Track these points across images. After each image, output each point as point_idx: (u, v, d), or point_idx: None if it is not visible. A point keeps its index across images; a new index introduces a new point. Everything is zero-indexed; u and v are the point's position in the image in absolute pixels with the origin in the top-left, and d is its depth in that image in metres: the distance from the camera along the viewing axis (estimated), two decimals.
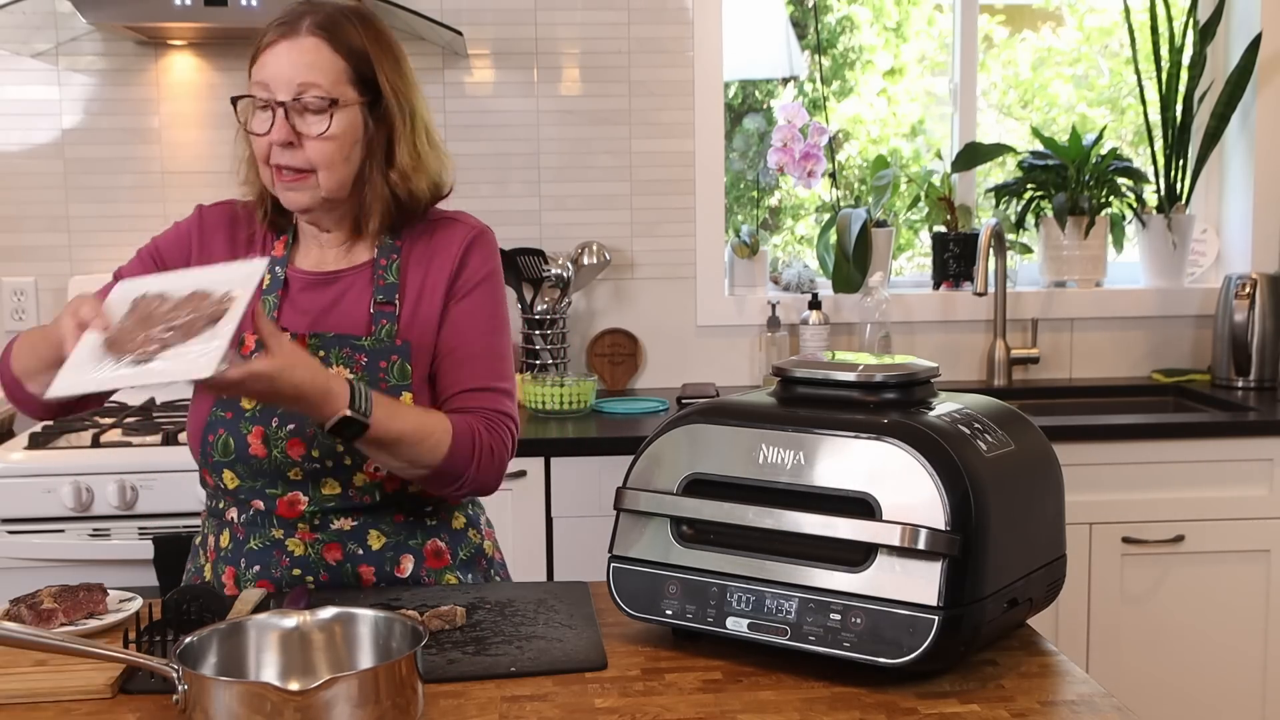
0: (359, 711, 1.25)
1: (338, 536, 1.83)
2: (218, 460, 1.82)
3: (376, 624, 1.43)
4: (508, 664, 1.53)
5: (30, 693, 1.47)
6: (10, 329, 3.45)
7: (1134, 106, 3.85)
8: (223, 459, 1.81)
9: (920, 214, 3.86)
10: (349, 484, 1.81)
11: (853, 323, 3.65)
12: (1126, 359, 3.75)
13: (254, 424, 1.80)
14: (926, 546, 1.41)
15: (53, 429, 2.95)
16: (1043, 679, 1.50)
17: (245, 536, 1.85)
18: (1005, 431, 1.57)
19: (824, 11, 3.99)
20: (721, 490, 1.55)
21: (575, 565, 2.92)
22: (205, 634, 1.38)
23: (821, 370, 1.63)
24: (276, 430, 1.79)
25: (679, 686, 1.48)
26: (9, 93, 3.42)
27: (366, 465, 1.80)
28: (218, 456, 1.82)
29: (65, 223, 3.46)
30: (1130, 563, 3.09)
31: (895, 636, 1.42)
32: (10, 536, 2.75)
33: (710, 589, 1.54)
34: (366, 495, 1.83)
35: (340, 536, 1.83)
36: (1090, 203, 3.63)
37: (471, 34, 3.44)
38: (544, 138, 3.55)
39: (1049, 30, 4.22)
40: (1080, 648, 3.08)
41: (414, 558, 1.87)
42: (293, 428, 1.78)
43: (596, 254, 3.51)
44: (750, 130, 3.80)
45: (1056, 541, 1.64)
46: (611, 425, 3.14)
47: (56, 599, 1.67)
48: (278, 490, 1.81)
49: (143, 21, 3.10)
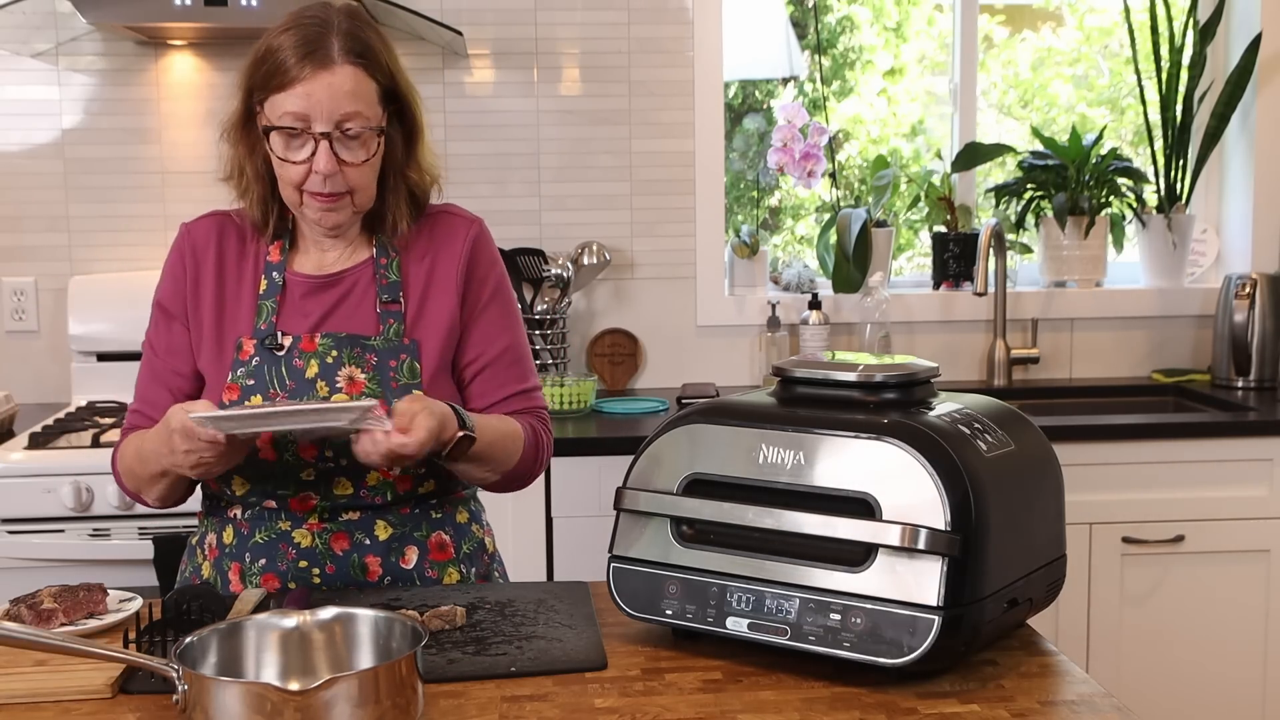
0: (359, 711, 1.25)
1: (346, 526, 1.84)
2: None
3: (376, 624, 1.43)
4: (508, 664, 1.53)
5: (30, 693, 1.47)
6: (10, 329, 3.45)
7: (1134, 106, 3.86)
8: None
9: (920, 214, 3.86)
10: (361, 483, 1.82)
11: (853, 323, 3.65)
12: (1127, 359, 3.75)
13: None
14: (927, 546, 1.41)
15: (53, 428, 2.95)
16: (1043, 679, 1.50)
17: (250, 531, 1.85)
18: (1005, 431, 1.57)
19: (824, 11, 3.99)
20: (722, 490, 1.56)
21: (575, 565, 2.92)
22: (205, 634, 1.38)
23: (822, 370, 1.63)
24: (287, 433, 1.79)
25: (679, 686, 1.48)
26: (9, 93, 3.42)
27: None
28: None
29: (65, 223, 3.46)
30: (1130, 563, 3.09)
31: (895, 636, 1.42)
32: (10, 536, 2.75)
33: (710, 589, 1.54)
34: (378, 495, 1.83)
35: (349, 526, 1.84)
36: (1090, 203, 3.63)
37: (471, 34, 3.43)
38: (544, 138, 3.55)
39: (1049, 30, 4.22)
40: (1080, 648, 3.08)
41: (419, 550, 1.88)
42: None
43: (596, 254, 3.51)
44: (750, 130, 3.80)
45: (1057, 541, 1.64)
46: (611, 425, 3.14)
47: (56, 599, 1.67)
48: (289, 491, 1.82)
49: (143, 21, 3.09)
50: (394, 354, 1.84)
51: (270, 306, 1.86)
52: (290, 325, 1.86)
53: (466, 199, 3.44)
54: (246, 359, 1.84)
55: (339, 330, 1.85)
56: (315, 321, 1.86)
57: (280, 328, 1.86)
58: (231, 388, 1.83)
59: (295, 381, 1.82)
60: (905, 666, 1.43)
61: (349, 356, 1.82)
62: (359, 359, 1.83)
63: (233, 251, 1.91)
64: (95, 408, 3.21)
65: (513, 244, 3.41)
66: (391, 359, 1.84)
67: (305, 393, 1.81)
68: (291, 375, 1.82)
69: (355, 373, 1.82)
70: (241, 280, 1.90)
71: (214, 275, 1.89)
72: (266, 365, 1.83)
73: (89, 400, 3.30)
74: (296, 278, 1.89)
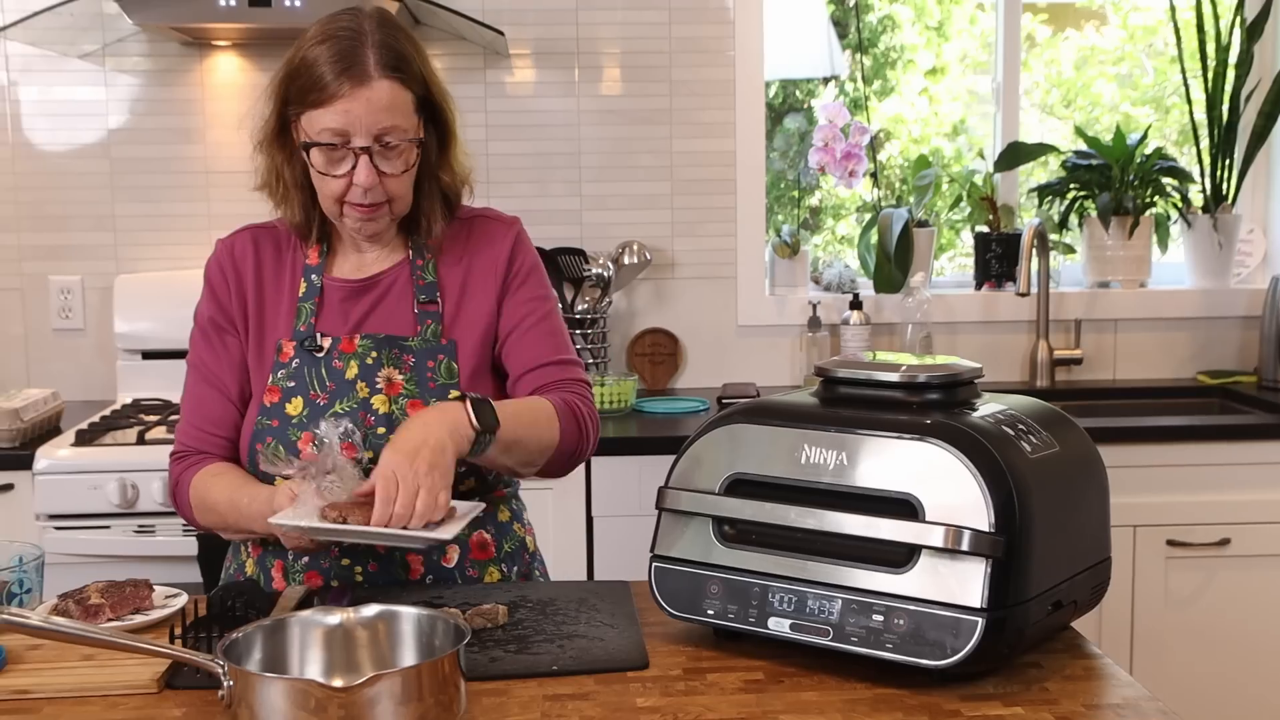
0: (402, 709, 1.26)
1: None
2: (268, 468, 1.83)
3: (420, 622, 1.44)
4: (549, 662, 1.53)
5: (78, 687, 1.48)
6: (57, 327, 3.49)
7: (1179, 105, 3.82)
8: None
9: (962, 214, 3.84)
10: None
11: (894, 323, 3.64)
12: (1171, 360, 3.71)
13: (302, 429, 1.82)
14: (970, 548, 1.41)
15: (99, 425, 2.98)
16: (1088, 682, 1.49)
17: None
18: (1050, 433, 1.56)
19: (865, 10, 3.98)
20: (763, 490, 1.55)
21: (615, 565, 2.92)
22: (250, 630, 1.39)
23: (864, 370, 1.62)
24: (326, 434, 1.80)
25: (721, 686, 1.48)
26: (57, 93, 3.45)
27: None
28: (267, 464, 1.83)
29: (111, 222, 3.49)
30: (1175, 565, 3.07)
31: (938, 638, 1.42)
32: (57, 532, 2.78)
33: (752, 589, 1.54)
34: None
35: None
36: (1135, 202, 3.60)
37: (513, 34, 3.44)
38: (585, 137, 3.55)
39: (1092, 29, 4.19)
40: (1124, 651, 3.06)
41: (460, 548, 1.89)
42: (342, 430, 1.79)
43: (637, 254, 3.51)
44: (791, 130, 3.79)
45: (1101, 544, 1.63)
46: (652, 425, 3.14)
47: (104, 594, 1.68)
48: None
49: (188, 22, 3.12)
50: (431, 354, 1.85)
51: (309, 309, 1.87)
52: (329, 327, 1.87)
53: (507, 199, 3.47)
54: (286, 361, 1.85)
55: (377, 331, 1.86)
56: (354, 323, 1.87)
57: (319, 329, 1.87)
58: (272, 390, 1.84)
59: (335, 382, 1.83)
60: (948, 668, 1.42)
61: (387, 357, 1.83)
62: (397, 360, 1.84)
63: (269, 259, 1.93)
64: (140, 405, 3.25)
65: (553, 244, 3.42)
66: (429, 359, 1.85)
67: (345, 394, 1.82)
68: (331, 376, 1.83)
69: (393, 373, 1.83)
70: (280, 286, 1.91)
71: (254, 283, 1.91)
72: (306, 366, 1.84)
73: (134, 398, 3.33)
74: (335, 282, 1.90)
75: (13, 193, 3.46)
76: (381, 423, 1.81)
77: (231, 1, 2.98)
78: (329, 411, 1.81)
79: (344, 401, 1.82)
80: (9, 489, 2.84)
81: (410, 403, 1.82)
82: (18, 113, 3.45)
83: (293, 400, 1.83)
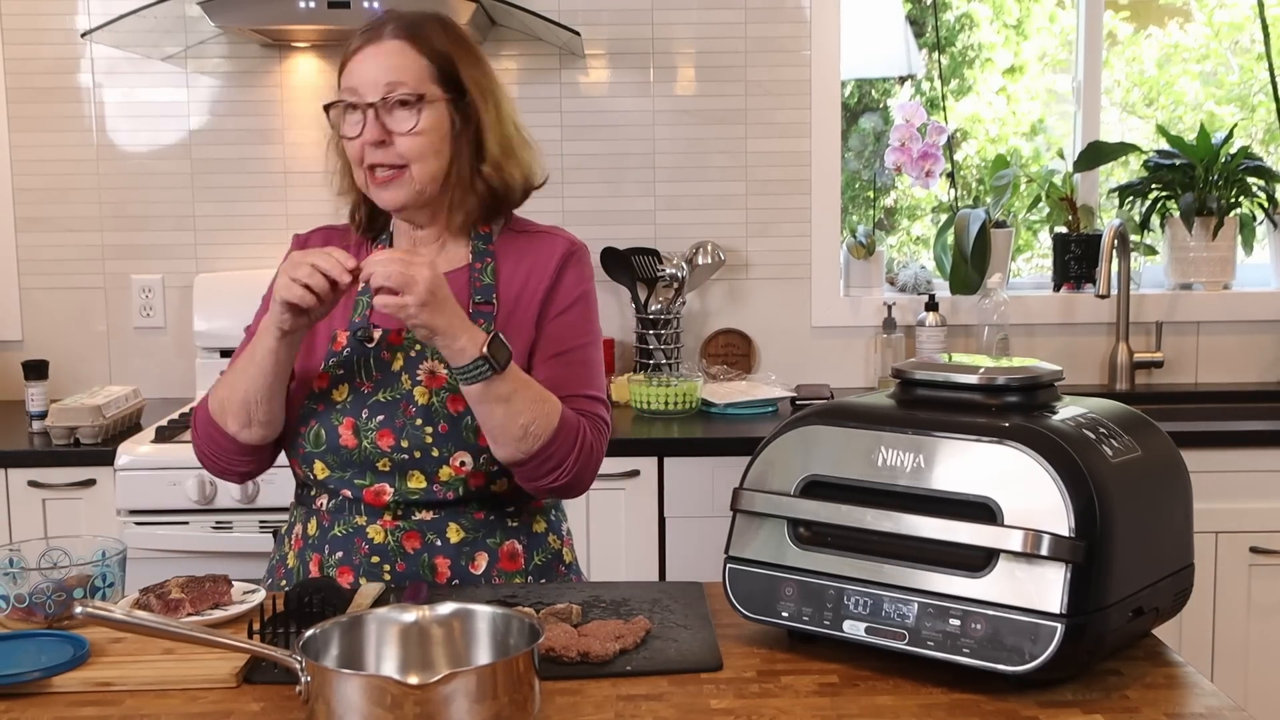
0: (477, 707, 1.26)
1: (418, 526, 1.86)
2: (309, 451, 1.87)
3: (494, 620, 1.44)
4: (623, 663, 1.53)
5: (159, 680, 1.50)
6: (138, 325, 3.55)
7: (1265, 104, 3.75)
8: (314, 449, 1.86)
9: (1040, 214, 3.79)
10: (434, 478, 1.84)
11: (970, 325, 3.60)
12: (1255, 363, 3.65)
13: (345, 415, 1.85)
14: (1050, 553, 1.38)
15: (178, 422, 3.02)
16: (1169, 690, 1.46)
17: (330, 523, 1.89)
18: (1131, 437, 1.54)
19: (943, 9, 3.94)
20: (839, 492, 1.54)
21: (687, 565, 2.92)
22: (327, 627, 1.40)
23: (942, 372, 1.60)
24: (366, 421, 1.83)
25: (795, 689, 1.47)
26: (140, 95, 3.51)
27: (452, 459, 1.83)
28: (309, 447, 1.86)
29: (191, 221, 3.54)
30: (1258, 573, 3.01)
31: (1016, 644, 1.40)
32: (138, 528, 2.83)
33: (827, 592, 1.52)
34: (450, 490, 1.85)
35: (420, 526, 1.86)
36: (1219, 203, 3.54)
37: (588, 34, 3.45)
38: (659, 137, 3.55)
39: (1175, 26, 4.12)
40: (1205, 659, 3.01)
41: (488, 556, 1.89)
42: (382, 419, 1.82)
43: (711, 254, 3.50)
44: (866, 129, 3.76)
45: (1184, 550, 1.60)
46: (724, 426, 3.13)
47: (184, 589, 1.70)
48: (365, 481, 1.85)
49: (268, 24, 3.16)
50: None
51: (365, 301, 1.90)
52: (383, 319, 1.89)
53: (582, 199, 3.47)
54: (339, 350, 1.89)
55: None
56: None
57: (374, 321, 1.90)
58: (323, 376, 1.88)
59: (381, 373, 1.86)
60: (1026, 674, 1.40)
61: (432, 351, 1.85)
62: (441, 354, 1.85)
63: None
64: None
65: (627, 243, 3.42)
66: None
67: (389, 384, 1.86)
68: (378, 367, 1.87)
69: (437, 366, 1.85)
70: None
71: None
72: (356, 356, 1.88)
73: None
74: None
75: (96, 193, 3.53)
76: (420, 414, 1.83)
77: (311, 3, 3.02)
78: (371, 399, 1.84)
79: (387, 391, 1.85)
80: (91, 484, 2.89)
81: (450, 396, 1.83)
82: (102, 114, 3.51)
83: (339, 387, 1.87)
